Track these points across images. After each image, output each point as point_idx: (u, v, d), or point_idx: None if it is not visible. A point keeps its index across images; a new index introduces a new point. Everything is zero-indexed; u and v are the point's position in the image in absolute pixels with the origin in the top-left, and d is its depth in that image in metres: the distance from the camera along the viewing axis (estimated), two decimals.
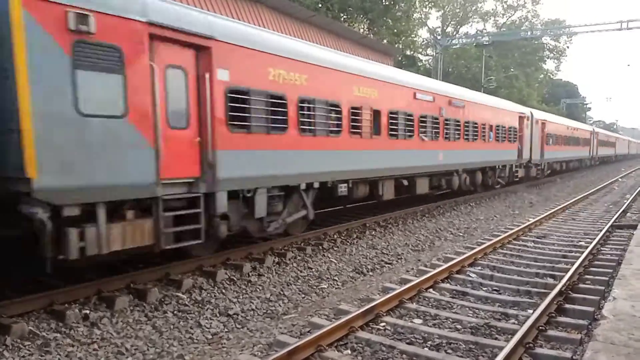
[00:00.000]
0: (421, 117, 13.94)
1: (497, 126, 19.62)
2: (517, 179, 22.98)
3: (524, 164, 23.55)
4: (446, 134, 15.49)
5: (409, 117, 13.33)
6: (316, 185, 10.08)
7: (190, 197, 7.37)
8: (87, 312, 6.17)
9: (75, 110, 5.84)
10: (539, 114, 26.78)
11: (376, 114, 11.80)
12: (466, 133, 16.92)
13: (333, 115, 10.39)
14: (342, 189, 10.97)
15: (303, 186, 9.76)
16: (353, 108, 10.90)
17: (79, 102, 5.87)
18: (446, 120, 15.44)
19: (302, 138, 9.52)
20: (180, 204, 7.24)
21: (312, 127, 9.72)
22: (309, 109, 9.64)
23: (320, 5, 27.55)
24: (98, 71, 6.09)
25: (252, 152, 8.37)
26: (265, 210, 8.88)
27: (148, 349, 5.64)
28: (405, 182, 13.65)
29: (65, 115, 5.76)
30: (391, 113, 12.41)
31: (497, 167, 20.30)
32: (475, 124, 17.64)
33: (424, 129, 14.08)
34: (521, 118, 22.77)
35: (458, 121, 16.33)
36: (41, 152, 5.53)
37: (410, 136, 13.41)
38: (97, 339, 5.73)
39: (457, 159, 16.42)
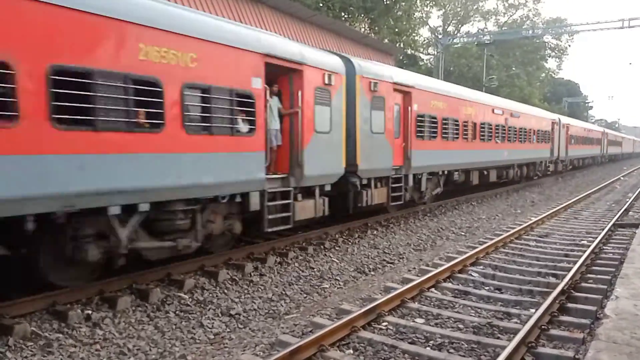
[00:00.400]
0: (496, 126, 19.58)
1: (538, 130, 25.39)
2: (549, 173, 28.98)
3: (554, 161, 29.09)
4: (508, 137, 20.97)
5: (490, 126, 18.94)
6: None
7: (399, 177, 12.94)
8: (90, 312, 6.17)
9: (370, 130, 11.51)
10: (564, 119, 32.54)
11: (474, 125, 17.39)
12: (521, 136, 22.65)
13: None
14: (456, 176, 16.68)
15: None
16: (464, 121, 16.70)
17: (372, 126, 11.58)
18: (509, 127, 21.05)
19: (447, 143, 15.51)
20: (394, 180, 12.74)
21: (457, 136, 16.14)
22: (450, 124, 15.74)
23: (321, 5, 27.51)
24: (377, 110, 11.75)
25: (423, 151, 14.12)
26: (440, 185, 15.97)
27: (150, 349, 5.65)
28: (485, 172, 19.31)
29: (368, 133, 11.46)
30: (481, 124, 18.04)
31: (536, 162, 26.10)
32: (525, 129, 23.24)
33: (497, 134, 19.69)
34: (553, 123, 28.28)
35: (515, 128, 21.92)
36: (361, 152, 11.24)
37: (489, 139, 18.92)
38: (100, 339, 5.74)
39: (515, 156, 22.00)
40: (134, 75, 6.36)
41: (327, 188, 10.39)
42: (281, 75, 9.45)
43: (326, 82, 10.08)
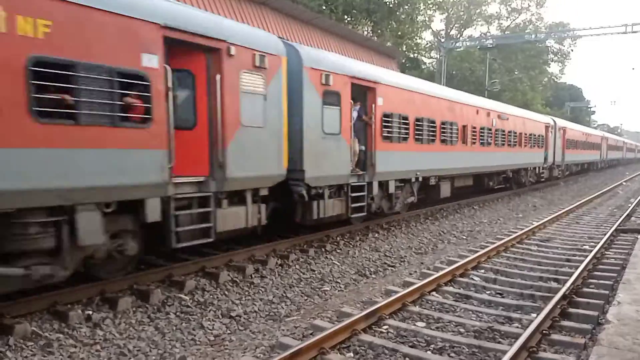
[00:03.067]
0: (481, 128, 17.98)
1: (530, 134, 23.62)
2: (543, 180, 26.77)
3: (548, 167, 27.19)
4: (495, 141, 19.42)
5: (474, 129, 17.37)
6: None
7: (360, 185, 11.40)
8: (90, 312, 6.16)
9: (322, 131, 9.87)
10: (561, 122, 30.55)
11: (455, 127, 15.84)
12: (510, 140, 21.01)
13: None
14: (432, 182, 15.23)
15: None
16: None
17: (324, 126, 9.90)
18: (497, 130, 19.47)
19: (421, 146, 13.88)
20: (354, 188, 11.39)
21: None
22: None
23: (324, 7, 27.56)
24: (330, 107, 10.04)
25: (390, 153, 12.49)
26: (414, 193, 13.94)
27: (150, 350, 5.64)
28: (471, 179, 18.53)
29: (319, 133, 9.83)
30: (463, 126, 16.40)
31: (528, 168, 24.21)
32: (515, 132, 21.59)
33: (482, 138, 18.11)
34: (547, 127, 26.45)
35: (504, 131, 20.34)
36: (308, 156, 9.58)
37: (473, 143, 17.31)
38: (100, 339, 5.73)
39: (504, 161, 20.58)
40: None
41: (263, 193, 8.71)
42: (195, 54, 7.65)
43: (257, 64, 8.21)
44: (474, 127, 17.24)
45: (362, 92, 11.43)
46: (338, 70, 10.29)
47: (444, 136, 15.00)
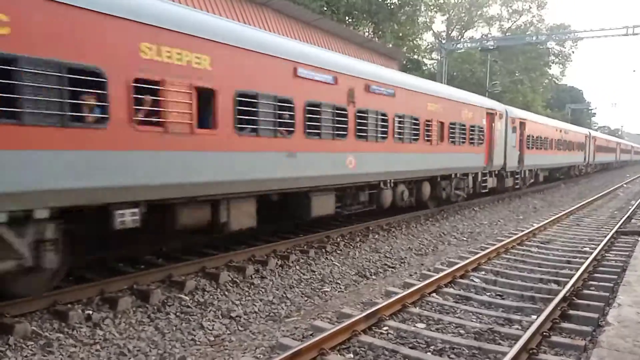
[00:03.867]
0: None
1: (453, 123, 15.52)
2: (487, 190, 19.05)
3: (495, 172, 19.72)
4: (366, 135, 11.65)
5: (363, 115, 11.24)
6: None
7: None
8: (90, 312, 6.17)
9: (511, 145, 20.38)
10: (517, 112, 22.73)
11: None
12: (412, 134, 13.24)
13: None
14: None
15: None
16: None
17: (512, 142, 20.60)
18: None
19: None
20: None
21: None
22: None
23: (325, 9, 27.57)
24: (514, 132, 20.93)
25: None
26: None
27: (150, 350, 5.64)
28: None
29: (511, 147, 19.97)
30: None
31: (452, 175, 16.18)
32: (417, 120, 13.44)
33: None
34: (490, 115, 18.54)
35: (403, 120, 12.85)
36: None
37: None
38: (100, 339, 5.73)
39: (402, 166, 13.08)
40: None
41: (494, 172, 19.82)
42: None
43: (499, 116, 19.23)
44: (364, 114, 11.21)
45: (521, 123, 22.15)
46: (514, 116, 21.14)
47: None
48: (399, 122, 12.66)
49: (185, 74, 7.01)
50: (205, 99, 7.43)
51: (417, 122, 13.49)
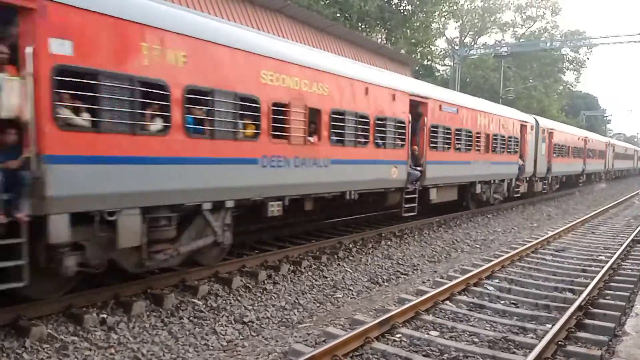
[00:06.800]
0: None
1: (495, 135, 17.40)
2: (519, 195, 20.50)
3: (526, 178, 21.11)
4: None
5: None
6: None
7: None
8: (105, 316, 6.22)
9: (541, 154, 22.46)
10: (545, 122, 24.03)
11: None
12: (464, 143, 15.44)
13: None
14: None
15: None
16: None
17: (542, 151, 22.66)
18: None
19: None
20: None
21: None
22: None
23: (338, 15, 27.63)
24: (543, 142, 22.63)
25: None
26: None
27: (164, 355, 5.67)
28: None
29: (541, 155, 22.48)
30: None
31: (491, 181, 17.79)
32: (470, 132, 15.67)
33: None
34: (523, 126, 20.24)
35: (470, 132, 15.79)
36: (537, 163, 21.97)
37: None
38: (114, 343, 5.78)
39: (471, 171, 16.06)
40: None
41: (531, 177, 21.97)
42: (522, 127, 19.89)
43: (531, 128, 20.84)
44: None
45: (550, 133, 23.42)
46: (544, 127, 22.41)
47: None
48: (457, 135, 14.93)
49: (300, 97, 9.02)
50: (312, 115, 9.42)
51: (471, 134, 15.74)
